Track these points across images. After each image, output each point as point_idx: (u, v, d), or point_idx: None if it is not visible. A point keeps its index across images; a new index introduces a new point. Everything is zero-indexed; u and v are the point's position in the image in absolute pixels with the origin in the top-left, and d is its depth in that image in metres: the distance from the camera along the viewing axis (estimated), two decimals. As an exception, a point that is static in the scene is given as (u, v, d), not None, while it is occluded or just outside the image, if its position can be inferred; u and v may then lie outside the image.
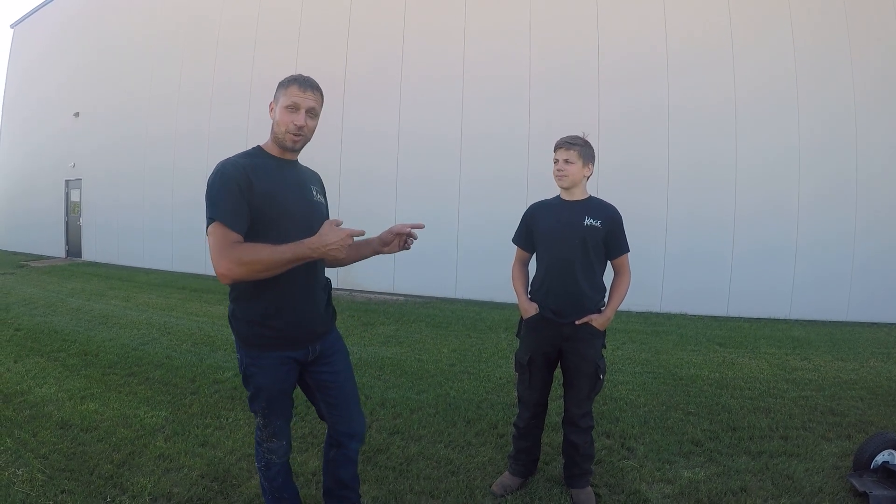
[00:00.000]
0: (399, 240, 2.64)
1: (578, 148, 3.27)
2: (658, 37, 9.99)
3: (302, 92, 2.39)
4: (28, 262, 17.31)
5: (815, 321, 9.15)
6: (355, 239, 2.31)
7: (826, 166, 9.34)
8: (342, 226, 2.24)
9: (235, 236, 2.24)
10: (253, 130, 12.59)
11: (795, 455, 3.96)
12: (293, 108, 2.38)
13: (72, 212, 19.06)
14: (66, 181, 19.09)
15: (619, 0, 10.28)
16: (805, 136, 9.35)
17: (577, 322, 3.23)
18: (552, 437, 4.09)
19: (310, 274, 2.49)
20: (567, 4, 10.61)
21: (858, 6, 9.26)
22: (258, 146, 2.53)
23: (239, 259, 2.18)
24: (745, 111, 9.58)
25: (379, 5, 12.06)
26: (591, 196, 3.40)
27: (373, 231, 2.58)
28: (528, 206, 3.60)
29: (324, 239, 2.18)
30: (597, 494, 3.39)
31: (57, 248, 19.49)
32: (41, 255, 19.46)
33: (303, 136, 2.44)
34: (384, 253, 2.72)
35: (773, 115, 9.51)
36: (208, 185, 2.31)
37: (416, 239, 2.67)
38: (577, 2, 10.52)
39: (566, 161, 3.26)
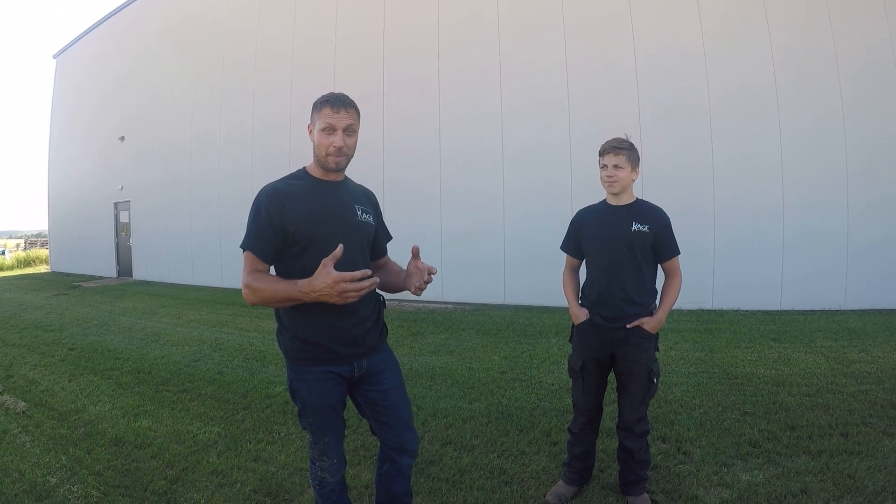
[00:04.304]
0: (419, 274, 2.55)
1: (626, 152, 3.19)
2: (693, 29, 9.86)
3: (335, 112, 2.38)
4: (81, 283, 17.79)
5: (870, 310, 8.87)
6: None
7: (871, 135, 9.12)
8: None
9: (261, 265, 2.36)
10: (295, 158, 12.57)
11: (856, 453, 3.82)
12: (329, 129, 2.38)
13: (121, 232, 19.55)
14: (115, 203, 19.64)
15: (650, -2, 10.21)
16: (848, 106, 9.15)
17: (627, 326, 3.17)
18: (607, 444, 4.03)
19: None
20: (599, 7, 10.55)
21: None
22: (303, 168, 2.56)
23: (252, 286, 2.31)
24: (785, 92, 9.39)
25: (411, 25, 12.19)
26: (637, 199, 3.33)
27: (419, 245, 2.56)
28: (575, 211, 3.54)
29: (312, 283, 2.21)
30: (654, 501, 3.31)
31: (108, 269, 20.01)
32: (93, 276, 20.02)
33: (344, 155, 2.44)
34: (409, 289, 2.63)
35: (815, 92, 9.32)
36: (250, 211, 2.40)
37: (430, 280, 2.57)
38: (608, 4, 10.46)
39: (616, 166, 3.18)
